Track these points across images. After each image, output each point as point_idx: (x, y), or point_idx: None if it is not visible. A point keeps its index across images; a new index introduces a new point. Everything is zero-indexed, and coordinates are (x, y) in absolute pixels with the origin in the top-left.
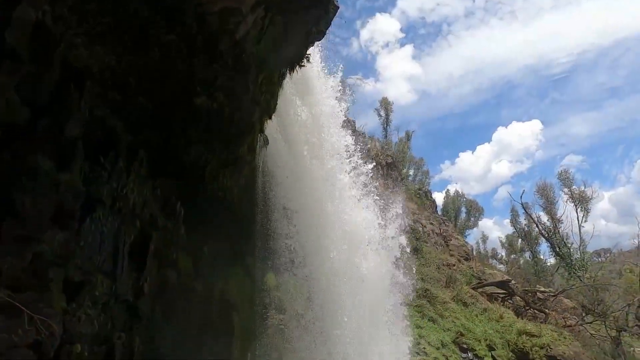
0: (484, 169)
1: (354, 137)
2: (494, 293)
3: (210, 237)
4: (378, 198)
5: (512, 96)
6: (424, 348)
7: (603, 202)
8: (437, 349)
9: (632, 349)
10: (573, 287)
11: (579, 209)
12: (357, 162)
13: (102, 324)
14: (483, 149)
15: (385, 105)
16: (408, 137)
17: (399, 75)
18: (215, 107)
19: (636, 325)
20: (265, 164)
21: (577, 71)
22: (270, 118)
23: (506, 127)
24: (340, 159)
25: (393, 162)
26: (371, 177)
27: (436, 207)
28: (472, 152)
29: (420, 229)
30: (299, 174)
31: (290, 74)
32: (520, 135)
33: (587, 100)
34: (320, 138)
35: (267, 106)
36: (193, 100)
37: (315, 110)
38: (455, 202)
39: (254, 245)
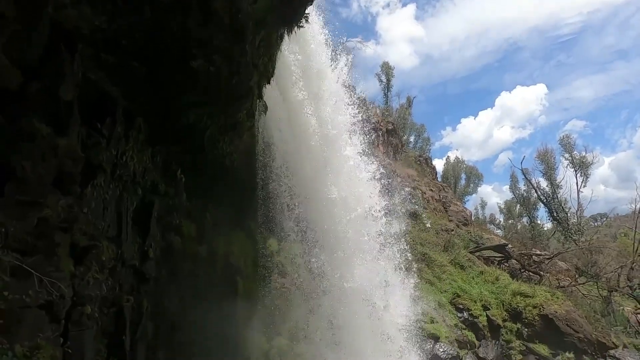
0: (485, 134)
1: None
2: (491, 257)
3: (212, 203)
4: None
5: (516, 59)
6: (422, 308)
7: (603, 167)
8: (434, 309)
9: (621, 307)
10: (568, 250)
11: (578, 175)
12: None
13: (110, 287)
14: (485, 115)
15: (387, 70)
16: (409, 103)
17: (401, 38)
18: (213, 70)
19: (627, 285)
20: (265, 130)
21: (585, 32)
22: (268, 83)
23: (510, 92)
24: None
25: (394, 129)
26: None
27: (436, 174)
28: (474, 118)
29: (420, 195)
30: (298, 140)
31: (288, 35)
32: (524, 100)
33: (594, 62)
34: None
35: (265, 70)
36: (189, 63)
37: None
38: (455, 168)
39: (256, 210)
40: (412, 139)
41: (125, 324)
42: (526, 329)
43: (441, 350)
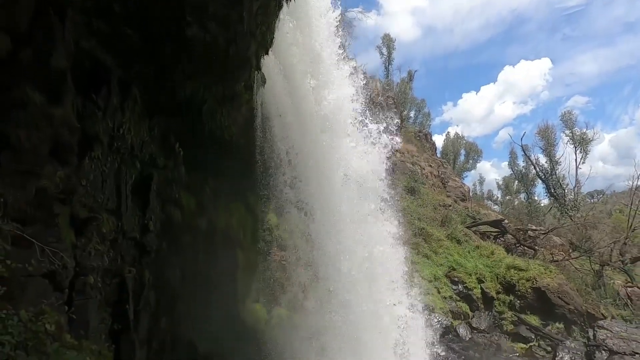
0: (487, 110)
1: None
2: (487, 231)
3: (211, 176)
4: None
5: (521, 31)
6: (418, 281)
7: (603, 144)
8: (430, 281)
9: (612, 281)
10: (564, 225)
11: (578, 151)
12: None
13: (112, 258)
14: (487, 90)
15: (388, 42)
16: (410, 77)
17: (403, 8)
18: (209, 38)
19: (619, 260)
20: (263, 102)
21: (593, 3)
22: (267, 53)
23: (513, 66)
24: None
25: (394, 104)
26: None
27: (436, 150)
28: (476, 93)
29: (419, 170)
30: (298, 113)
31: (287, 2)
32: (528, 74)
33: (600, 35)
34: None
35: (263, 39)
36: (184, 31)
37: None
38: (454, 144)
39: (255, 183)
40: (412, 114)
41: (128, 294)
42: (519, 301)
43: (436, 320)
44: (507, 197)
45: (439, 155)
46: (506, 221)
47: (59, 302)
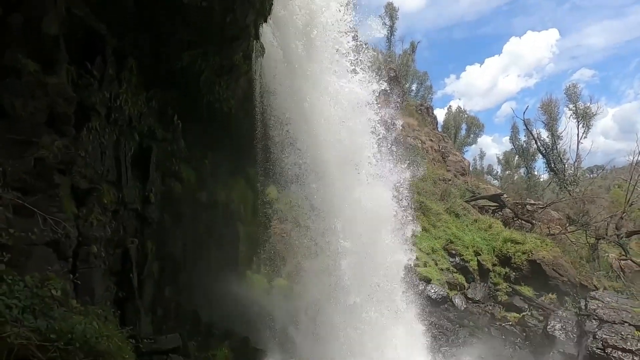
0: (490, 83)
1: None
2: (486, 206)
3: (210, 149)
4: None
5: (528, 1)
6: (415, 254)
7: (606, 119)
8: (428, 254)
9: (606, 254)
10: (562, 199)
11: (580, 125)
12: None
13: (114, 229)
14: (492, 62)
15: (391, 11)
16: (413, 48)
17: None
18: (205, 5)
19: (615, 234)
20: (262, 74)
21: None
22: (265, 21)
23: (520, 38)
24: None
25: (395, 76)
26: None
27: (437, 124)
28: (480, 66)
29: (420, 145)
30: (296, 85)
31: None
32: (534, 46)
33: (610, 5)
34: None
35: (262, 7)
36: None
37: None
38: (456, 118)
39: (255, 157)
40: (414, 87)
41: (131, 264)
42: (514, 273)
43: (432, 291)
44: (507, 172)
45: (440, 129)
46: (505, 195)
47: (64, 270)
